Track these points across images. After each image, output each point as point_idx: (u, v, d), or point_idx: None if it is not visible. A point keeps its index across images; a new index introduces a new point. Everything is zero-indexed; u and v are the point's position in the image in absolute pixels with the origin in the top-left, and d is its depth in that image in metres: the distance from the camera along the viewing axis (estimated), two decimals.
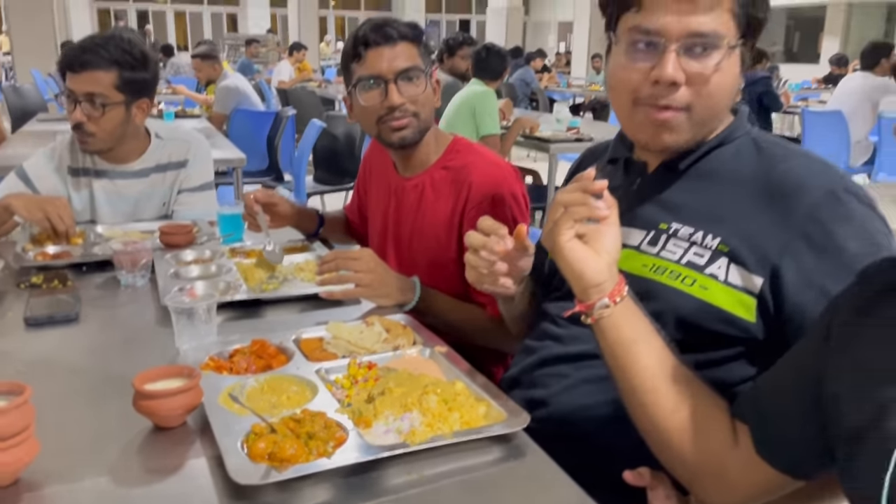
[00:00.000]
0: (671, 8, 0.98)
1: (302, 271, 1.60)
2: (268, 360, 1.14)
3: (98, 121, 1.90)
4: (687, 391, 0.93)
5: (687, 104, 1.02)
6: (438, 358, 1.17)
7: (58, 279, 1.55)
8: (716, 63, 1.00)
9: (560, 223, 0.93)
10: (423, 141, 1.61)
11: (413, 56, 1.55)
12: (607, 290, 0.93)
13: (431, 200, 1.62)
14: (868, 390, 0.75)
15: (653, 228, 1.09)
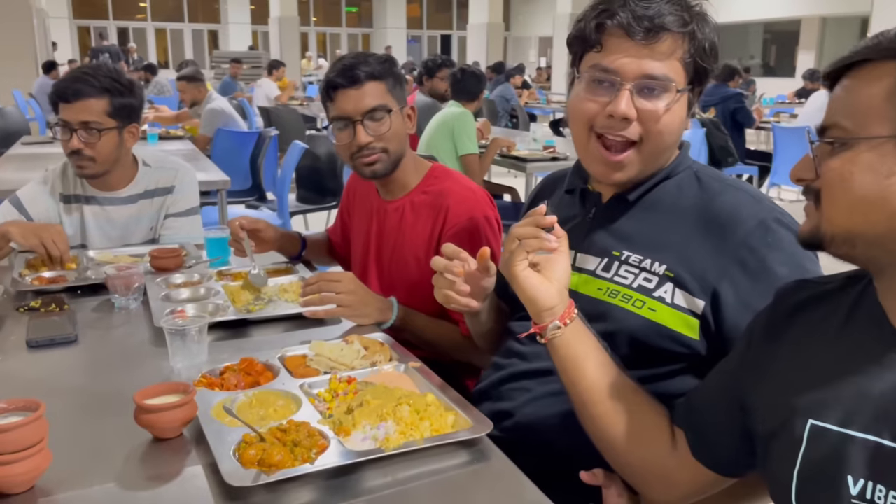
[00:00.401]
0: (629, 52, 1.10)
1: (286, 293, 1.71)
2: (255, 376, 1.24)
3: (95, 146, 2.01)
4: (630, 402, 1.04)
5: (637, 138, 1.14)
6: (412, 373, 1.28)
7: (55, 303, 1.65)
8: (665, 104, 1.12)
9: (515, 254, 1.05)
10: (402, 167, 1.73)
11: (380, 94, 1.66)
12: (558, 314, 1.05)
13: (411, 222, 1.74)
14: (779, 400, 0.87)
15: (606, 256, 1.21)
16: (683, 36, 1.11)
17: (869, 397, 0.78)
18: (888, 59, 0.75)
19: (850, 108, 0.78)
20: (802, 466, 0.83)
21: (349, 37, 26.25)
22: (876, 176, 0.75)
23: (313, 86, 13.83)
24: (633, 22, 1.08)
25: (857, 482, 0.77)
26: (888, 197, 0.74)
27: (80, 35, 22.29)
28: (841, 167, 0.77)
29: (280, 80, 9.56)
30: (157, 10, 23.66)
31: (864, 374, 0.79)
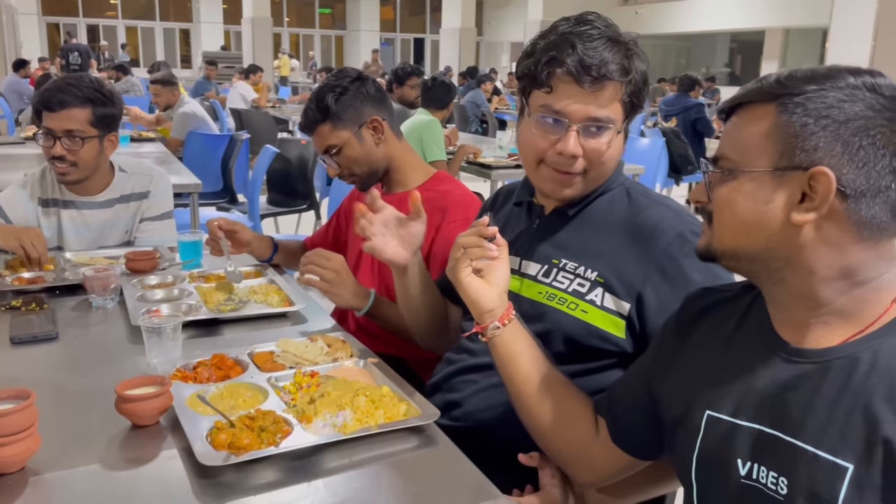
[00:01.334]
0: (577, 97, 1.24)
1: (256, 294, 1.82)
2: (226, 370, 1.36)
3: (78, 153, 2.11)
4: (559, 394, 1.18)
5: (583, 170, 1.29)
6: (370, 367, 1.41)
7: (35, 302, 1.74)
8: (607, 141, 1.28)
9: (459, 262, 1.19)
10: (394, 167, 1.91)
11: (330, 135, 1.86)
12: (498, 315, 1.18)
13: None
14: (682, 393, 1.02)
15: (546, 263, 1.35)
16: (624, 82, 1.25)
17: (753, 391, 0.92)
18: (768, 102, 0.86)
19: (736, 143, 0.89)
20: (700, 451, 0.97)
21: (322, 38, 26.26)
22: (755, 203, 0.86)
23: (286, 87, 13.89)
24: (582, 71, 1.20)
25: (744, 464, 0.91)
26: (765, 221, 0.86)
27: (48, 32, 22.01)
28: (727, 194, 0.89)
29: (257, 84, 9.61)
30: (127, 8, 23.47)
31: (751, 372, 0.93)
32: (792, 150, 0.83)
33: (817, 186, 0.82)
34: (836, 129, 0.81)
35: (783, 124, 0.84)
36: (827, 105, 0.82)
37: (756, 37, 19.02)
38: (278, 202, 5.01)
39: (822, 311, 0.88)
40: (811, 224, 0.84)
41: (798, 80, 0.85)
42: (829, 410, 0.84)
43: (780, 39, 18.31)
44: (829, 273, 0.86)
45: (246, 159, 5.31)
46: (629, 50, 1.25)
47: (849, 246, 0.84)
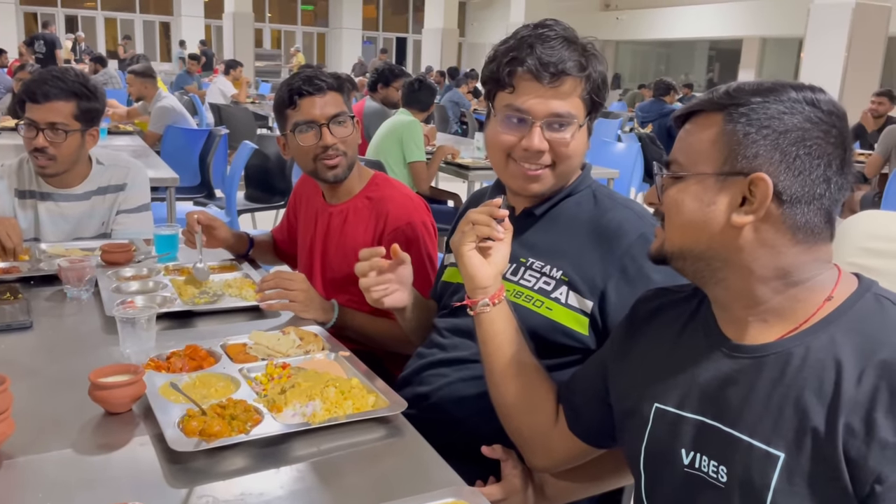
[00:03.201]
0: (538, 93, 1.30)
1: (230, 287, 1.85)
2: (199, 361, 1.39)
3: (59, 146, 2.12)
4: (528, 377, 1.23)
5: (550, 163, 1.34)
6: (341, 360, 1.44)
7: (9, 292, 1.75)
8: (570, 135, 1.33)
9: (466, 235, 1.22)
10: (353, 173, 1.91)
11: (340, 103, 1.85)
12: (490, 293, 1.22)
13: (353, 225, 1.91)
14: (634, 386, 1.08)
15: (515, 262, 1.40)
16: (582, 78, 1.31)
17: (697, 385, 0.98)
18: (717, 111, 0.93)
19: (686, 148, 0.96)
20: (648, 442, 1.03)
21: (304, 35, 26.15)
22: (700, 204, 0.93)
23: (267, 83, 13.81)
24: (541, 68, 1.27)
25: (688, 454, 0.98)
26: (708, 221, 0.92)
27: (26, 22, 21.69)
28: (675, 195, 0.96)
29: (237, 80, 9.57)
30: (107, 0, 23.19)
31: (696, 367, 0.99)
32: (735, 156, 0.90)
33: (756, 191, 0.88)
34: (776, 138, 0.88)
35: (728, 132, 0.90)
36: (768, 116, 0.88)
37: (734, 45, 19.27)
38: (256, 198, 5.01)
39: (759, 309, 0.94)
40: (750, 226, 0.90)
41: (745, 93, 0.91)
42: (763, 402, 0.90)
43: (757, 48, 18.57)
44: (765, 273, 0.91)
45: (224, 154, 5.31)
46: (586, 50, 1.31)
47: (784, 248, 0.90)
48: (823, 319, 0.91)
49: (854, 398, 0.83)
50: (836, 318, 0.90)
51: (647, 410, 1.03)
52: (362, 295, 1.87)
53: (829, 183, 0.89)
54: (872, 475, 0.81)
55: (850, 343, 0.87)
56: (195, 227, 1.94)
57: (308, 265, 2.00)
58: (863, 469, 0.82)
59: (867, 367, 0.84)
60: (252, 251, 2.14)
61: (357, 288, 1.88)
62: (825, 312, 0.91)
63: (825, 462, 0.84)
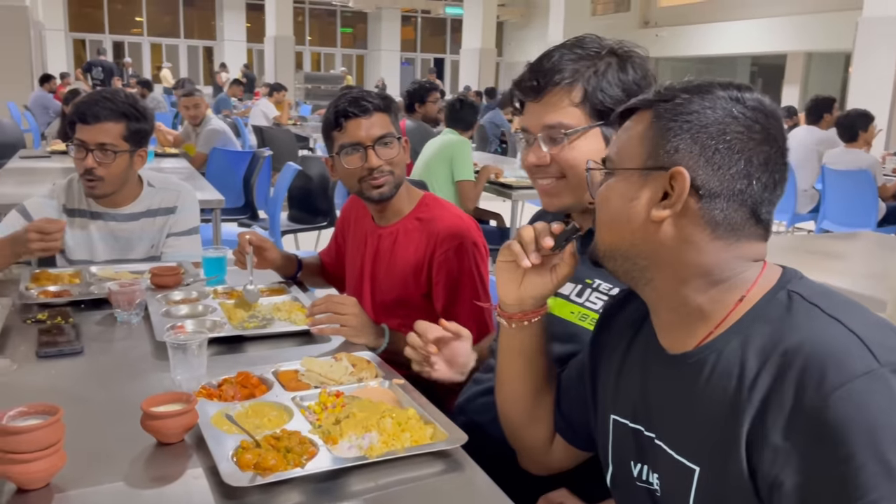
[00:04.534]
0: (531, 110, 1.29)
1: (279, 311, 1.82)
2: (251, 389, 1.35)
3: (108, 167, 2.13)
4: (536, 397, 1.21)
5: (559, 175, 1.29)
6: (395, 388, 1.39)
7: (60, 316, 1.74)
8: (569, 143, 1.27)
9: (505, 248, 1.17)
10: (397, 194, 1.87)
11: (387, 124, 1.82)
12: (509, 313, 1.18)
13: (403, 246, 1.87)
14: (596, 397, 1.10)
15: (580, 283, 1.34)
16: (570, 86, 1.26)
17: (640, 396, 0.99)
18: (647, 108, 0.93)
19: (618, 145, 0.96)
20: (613, 454, 1.05)
21: (343, 57, 26.51)
22: (624, 200, 0.93)
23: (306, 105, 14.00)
24: (526, 84, 1.27)
25: (636, 465, 0.99)
26: (631, 217, 0.92)
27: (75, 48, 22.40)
28: (604, 191, 0.97)
29: (279, 103, 9.71)
30: (153, 26, 23.84)
31: (640, 377, 1.00)
32: (658, 150, 0.90)
33: (675, 185, 0.87)
34: (696, 132, 0.87)
35: (653, 127, 0.91)
36: (691, 111, 0.88)
37: (777, 60, 18.94)
38: (299, 219, 5.03)
39: (683, 311, 0.93)
40: (669, 221, 0.89)
41: (674, 90, 0.91)
42: (681, 414, 0.91)
43: (801, 63, 18.23)
44: (687, 272, 0.90)
45: (268, 176, 5.35)
46: (582, 57, 1.26)
47: (703, 244, 0.89)
48: (736, 323, 0.89)
49: (752, 404, 0.81)
50: (749, 320, 0.88)
51: (607, 422, 1.04)
52: (412, 317, 1.83)
53: (751, 179, 0.87)
54: (771, 482, 0.79)
55: (754, 346, 0.85)
56: (246, 247, 1.92)
57: (357, 288, 1.97)
58: (765, 478, 0.80)
59: (766, 367, 0.82)
60: (300, 273, 2.12)
61: (407, 312, 1.85)
62: (738, 314, 0.89)
63: (734, 476, 0.82)
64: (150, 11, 23.77)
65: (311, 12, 25.42)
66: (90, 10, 22.89)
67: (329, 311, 1.65)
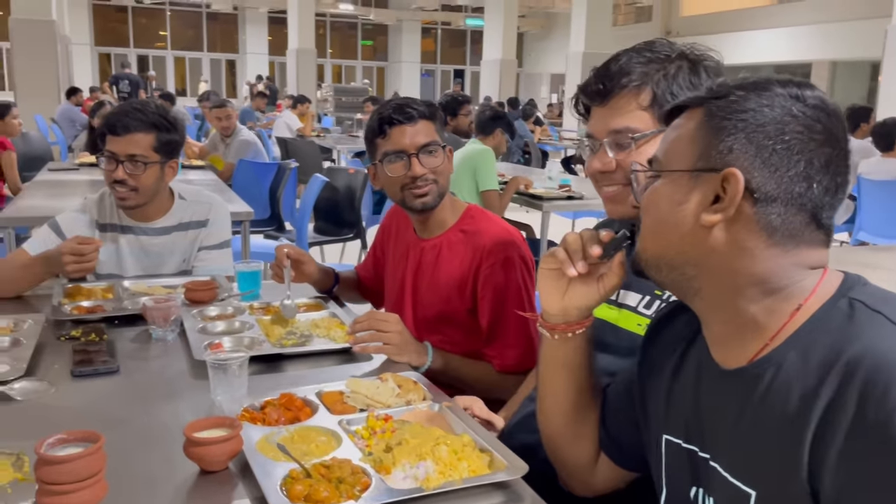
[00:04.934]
0: (597, 115, 1.24)
1: (318, 328, 1.75)
2: (295, 412, 1.28)
3: (139, 178, 2.09)
4: (579, 413, 1.14)
5: (626, 181, 1.22)
6: (446, 412, 1.32)
7: (94, 332, 1.69)
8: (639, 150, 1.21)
9: (549, 255, 1.10)
10: (441, 205, 1.81)
11: (431, 132, 1.76)
12: (551, 323, 1.11)
13: (447, 259, 1.80)
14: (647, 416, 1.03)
15: (648, 293, 1.27)
16: (637, 89, 1.21)
17: (694, 414, 0.92)
18: (698, 106, 0.87)
19: (665, 146, 0.90)
20: (667, 475, 0.98)
21: (364, 69, 26.63)
22: (671, 204, 0.86)
23: (328, 118, 14.03)
24: (592, 88, 1.23)
25: (691, 488, 0.93)
26: (678, 222, 0.86)
27: (100, 62, 22.69)
28: (650, 195, 0.90)
29: (302, 115, 9.73)
30: (176, 40, 24.13)
31: (693, 394, 0.93)
32: (709, 151, 0.84)
33: (728, 188, 0.82)
34: (752, 131, 0.81)
35: (705, 126, 0.85)
36: (746, 108, 0.82)
37: (802, 70, 18.73)
38: (325, 230, 4.98)
39: (736, 322, 0.86)
40: (721, 226, 0.83)
41: (728, 87, 0.86)
42: (736, 433, 0.84)
43: (827, 72, 18.01)
44: (740, 280, 0.84)
45: (293, 187, 5.32)
46: (650, 60, 1.21)
47: (759, 251, 0.83)
48: (794, 334, 0.82)
49: (812, 421, 0.75)
50: (807, 331, 0.82)
51: (659, 443, 0.97)
52: (455, 334, 1.77)
53: (812, 182, 0.81)
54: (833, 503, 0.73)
55: (813, 359, 0.78)
56: (284, 261, 1.86)
57: (398, 302, 1.90)
58: (827, 498, 0.73)
59: (827, 381, 0.75)
60: (337, 287, 2.06)
61: (450, 328, 1.78)
62: (796, 325, 0.82)
63: (794, 498, 0.76)
64: (173, 26, 24.07)
65: (333, 25, 25.59)
66: (115, 25, 23.23)
67: (372, 328, 1.58)
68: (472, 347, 1.75)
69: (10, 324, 1.71)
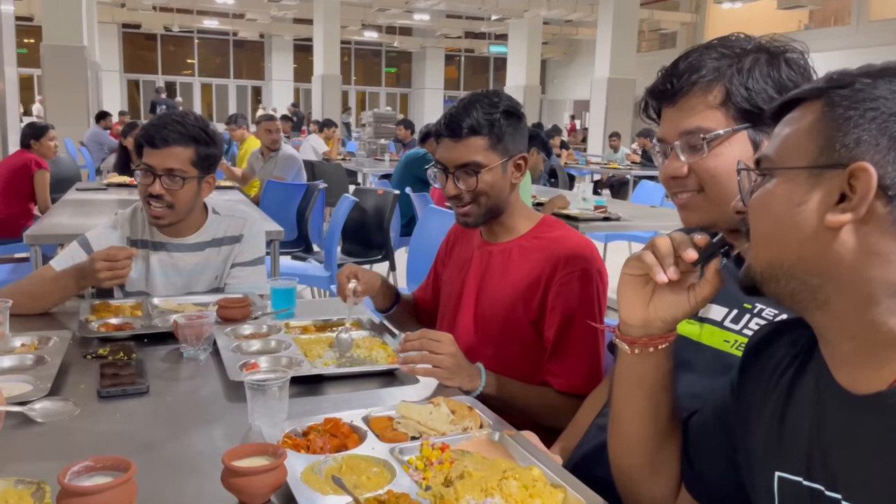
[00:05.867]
0: (667, 116, 1.16)
1: (359, 348, 1.64)
2: (342, 439, 1.16)
3: (176, 194, 1.99)
4: (658, 440, 1.01)
5: (697, 188, 1.14)
6: (507, 441, 1.19)
7: (123, 351, 1.59)
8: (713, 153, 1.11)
9: (634, 259, 0.97)
10: (507, 212, 1.70)
11: (480, 151, 1.63)
12: (630, 334, 0.98)
13: (518, 265, 1.68)
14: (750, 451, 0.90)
15: (736, 306, 1.14)
16: (709, 86, 1.10)
17: (815, 446, 0.79)
18: (816, 98, 0.78)
19: (778, 143, 0.81)
20: None
21: (388, 95, 26.80)
22: (789, 205, 0.77)
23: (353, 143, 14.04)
24: (660, 88, 1.14)
25: None
26: (798, 223, 0.76)
27: (129, 88, 23.05)
28: (761, 197, 0.80)
29: (328, 139, 9.75)
30: (204, 67, 24.47)
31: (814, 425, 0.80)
32: (832, 144, 0.75)
33: (857, 184, 0.72)
34: (884, 121, 0.72)
35: (826, 118, 0.76)
36: (875, 96, 0.73)
37: None
38: (353, 252, 4.89)
39: (870, 339, 0.75)
40: (849, 228, 0.73)
41: (850, 74, 0.77)
42: (878, 470, 0.72)
43: None
44: (874, 290, 0.73)
45: (322, 208, 5.24)
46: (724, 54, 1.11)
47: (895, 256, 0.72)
48: None
49: None
50: None
51: (770, 480, 0.84)
52: (511, 348, 1.63)
53: None
54: None
55: None
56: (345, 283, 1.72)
57: (454, 311, 1.77)
58: None
59: None
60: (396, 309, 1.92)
61: (507, 340, 1.63)
62: None
63: None
64: (201, 54, 24.43)
65: (357, 52, 25.83)
66: (144, 53, 23.62)
67: (424, 348, 1.46)
68: (525, 367, 1.62)
69: (34, 341, 1.61)
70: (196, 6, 19.09)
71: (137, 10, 19.48)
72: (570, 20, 19.73)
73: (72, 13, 11.05)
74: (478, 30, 22.45)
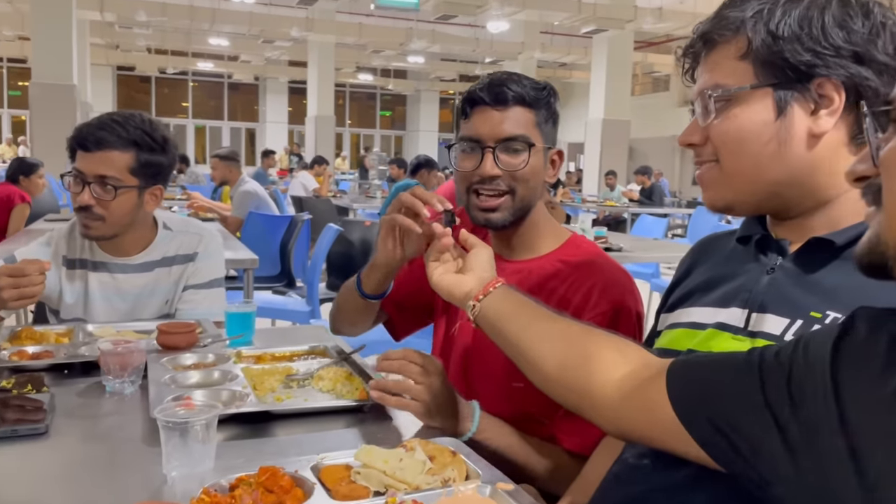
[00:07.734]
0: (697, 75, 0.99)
1: (321, 380, 1.35)
2: (279, 494, 0.87)
3: (108, 205, 1.71)
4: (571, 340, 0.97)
5: (712, 156, 0.95)
6: (502, 498, 0.90)
7: (31, 383, 1.30)
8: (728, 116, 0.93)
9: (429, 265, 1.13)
10: (529, 222, 1.38)
11: (529, 126, 1.33)
12: (473, 295, 1.07)
13: (536, 289, 1.33)
14: None
15: (801, 316, 0.89)
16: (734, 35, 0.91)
17: None
18: None
19: None
20: None
21: (382, 138, 26.81)
22: None
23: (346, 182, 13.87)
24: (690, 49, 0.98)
25: None
26: None
27: None
28: None
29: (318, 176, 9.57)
30: (198, 109, 24.48)
31: None
32: None
33: None
34: None
35: None
36: None
37: None
38: (338, 287, 4.59)
39: None
40: None
41: None
42: None
43: None
44: None
45: (306, 242, 4.99)
46: None
47: None
48: None
49: None
50: None
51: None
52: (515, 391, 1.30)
53: None
54: None
55: None
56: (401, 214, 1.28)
57: (448, 341, 1.47)
58: None
59: None
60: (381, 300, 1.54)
61: (513, 380, 1.30)
62: None
63: None
64: (195, 96, 24.46)
65: (352, 95, 25.90)
66: (139, 95, 23.62)
67: (402, 372, 1.17)
68: (529, 416, 1.31)
69: None
70: (191, 48, 19.09)
71: (132, 52, 19.47)
72: (564, 63, 19.80)
73: (62, 51, 10.92)
74: (472, 73, 22.49)
